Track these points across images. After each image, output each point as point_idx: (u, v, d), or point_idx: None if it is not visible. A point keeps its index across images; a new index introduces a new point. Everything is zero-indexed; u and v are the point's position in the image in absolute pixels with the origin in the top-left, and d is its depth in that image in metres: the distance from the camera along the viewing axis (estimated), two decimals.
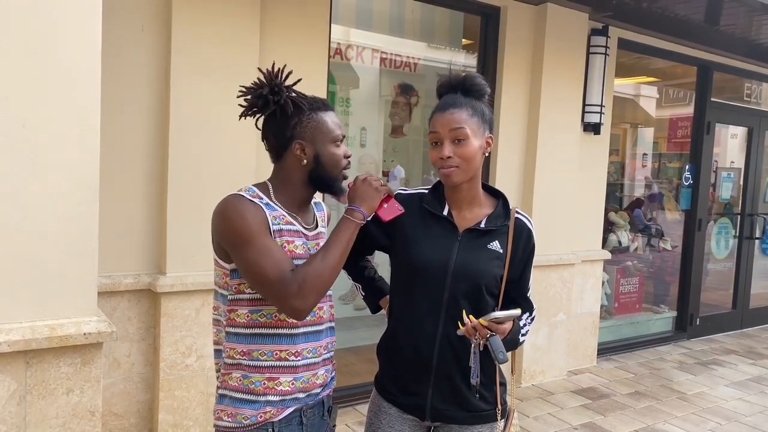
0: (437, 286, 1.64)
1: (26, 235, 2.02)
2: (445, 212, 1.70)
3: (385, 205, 1.65)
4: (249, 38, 3.22)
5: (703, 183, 6.25)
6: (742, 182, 7.04)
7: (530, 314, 1.76)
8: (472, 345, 1.58)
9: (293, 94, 1.58)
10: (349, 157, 1.64)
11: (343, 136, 1.63)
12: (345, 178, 1.64)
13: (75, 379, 2.12)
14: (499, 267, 1.66)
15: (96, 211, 2.15)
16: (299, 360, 1.57)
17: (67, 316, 2.10)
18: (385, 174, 5.28)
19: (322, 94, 3.57)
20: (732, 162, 7.45)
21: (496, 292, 1.68)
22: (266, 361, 1.54)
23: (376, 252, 1.91)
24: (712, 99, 6.20)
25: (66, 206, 2.08)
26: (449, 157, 1.61)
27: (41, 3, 2.00)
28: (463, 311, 1.56)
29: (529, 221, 1.74)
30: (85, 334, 2.08)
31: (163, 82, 3.09)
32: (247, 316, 1.55)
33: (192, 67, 3.08)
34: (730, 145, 7.57)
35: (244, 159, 3.20)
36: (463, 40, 5.10)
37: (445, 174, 1.63)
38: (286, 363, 1.55)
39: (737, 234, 6.99)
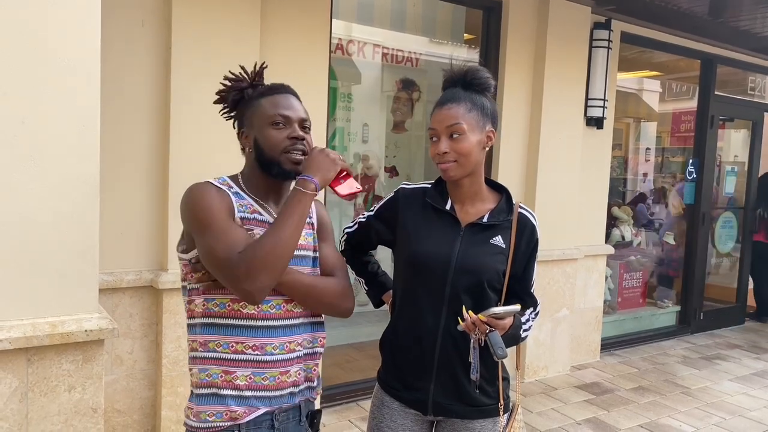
0: (439, 281, 1.63)
1: (27, 233, 2.01)
2: (448, 206, 1.69)
3: (342, 182, 1.55)
4: (249, 33, 3.20)
5: (707, 177, 6.22)
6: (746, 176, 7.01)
7: (534, 310, 1.75)
8: (472, 340, 1.57)
9: (242, 86, 1.61)
10: (296, 138, 1.53)
11: (285, 117, 1.53)
12: (294, 162, 1.53)
13: (77, 376, 2.11)
14: (502, 262, 1.65)
15: (96, 207, 2.14)
16: (259, 355, 1.48)
17: (69, 313, 2.09)
18: (388, 170, 5.26)
19: (323, 89, 3.56)
20: (735, 156, 7.41)
21: (498, 287, 1.67)
22: (222, 352, 1.48)
23: (379, 247, 1.90)
24: (716, 93, 6.17)
25: (66, 203, 2.07)
26: (445, 153, 1.60)
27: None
28: (463, 307, 1.55)
29: (533, 216, 1.72)
30: (86, 331, 2.07)
31: (163, 78, 3.07)
32: (203, 305, 1.50)
33: (193, 63, 3.06)
34: (733, 138, 7.54)
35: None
36: (465, 34, 5.08)
37: (442, 169, 1.64)
38: (243, 356, 1.47)
39: (741, 228, 6.97)
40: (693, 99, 6.32)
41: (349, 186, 1.56)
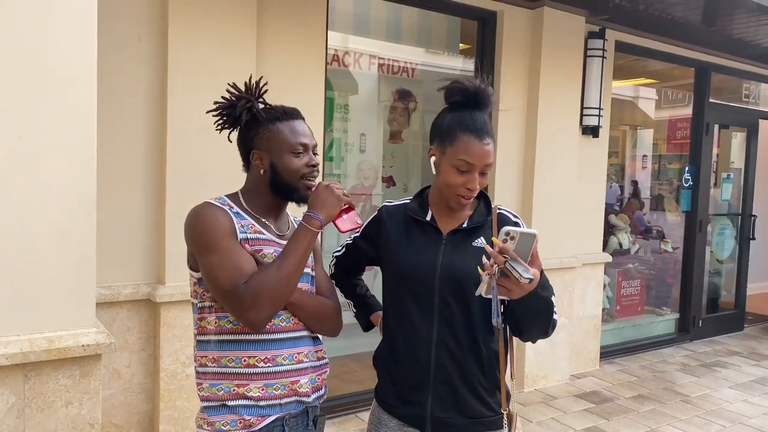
0: (427, 291, 1.63)
1: (24, 247, 2.01)
2: (429, 217, 1.70)
3: (344, 216, 1.59)
4: (246, 46, 3.22)
5: (703, 184, 6.24)
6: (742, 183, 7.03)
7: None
8: (490, 277, 1.43)
9: (250, 105, 1.61)
10: (313, 165, 1.62)
11: (304, 145, 1.61)
12: (308, 187, 1.61)
13: (74, 392, 2.11)
14: None
15: (93, 221, 2.15)
16: (271, 366, 1.54)
17: (66, 327, 2.09)
18: (385, 180, 5.27)
19: (319, 100, 3.57)
20: (732, 162, 7.44)
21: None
22: (234, 368, 1.53)
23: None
24: (711, 100, 6.20)
25: (63, 217, 2.07)
26: (476, 189, 1.59)
27: (37, 14, 2.00)
28: (482, 256, 1.43)
29: (513, 214, 1.70)
30: (83, 345, 2.07)
31: (160, 92, 3.08)
32: (216, 323, 1.55)
33: (189, 76, 3.08)
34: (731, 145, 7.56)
35: (242, 166, 3.19)
36: (461, 44, 5.11)
37: (463, 203, 1.62)
38: (256, 370, 1.53)
39: (738, 235, 6.98)
40: (688, 106, 6.35)
41: (351, 221, 1.59)
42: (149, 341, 3.14)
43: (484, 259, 1.42)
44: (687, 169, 6.26)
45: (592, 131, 4.97)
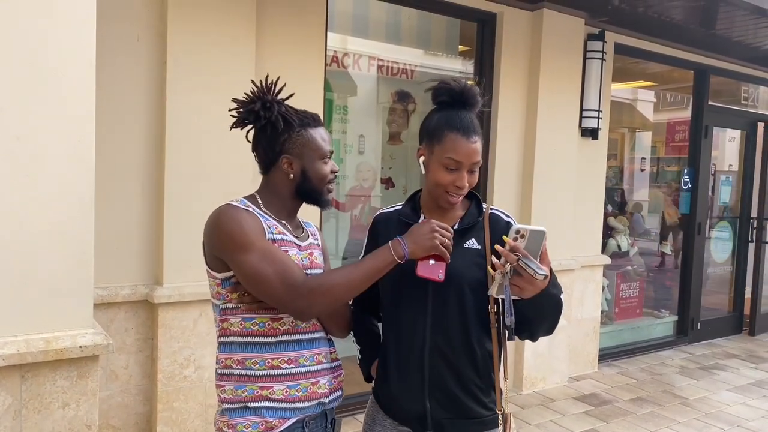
0: (420, 295, 1.62)
1: (21, 248, 2.00)
2: (421, 221, 1.68)
3: (431, 262, 1.53)
4: (245, 47, 3.21)
5: (702, 187, 6.24)
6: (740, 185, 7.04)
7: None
8: (502, 276, 1.45)
9: (284, 109, 1.60)
10: (335, 172, 1.67)
11: (330, 152, 1.65)
12: (330, 191, 1.67)
13: (71, 393, 2.09)
14: (479, 264, 1.62)
15: (91, 222, 2.14)
16: (294, 368, 1.56)
17: (63, 328, 2.08)
18: (384, 182, 5.27)
19: (319, 102, 3.57)
20: (730, 165, 7.45)
21: (487, 287, 1.63)
22: (258, 370, 1.54)
23: None
24: (710, 103, 6.20)
25: (61, 218, 2.06)
26: (465, 187, 1.59)
27: (35, 15, 2.00)
28: (490, 264, 1.45)
29: (505, 214, 1.70)
30: (80, 347, 2.06)
31: (159, 92, 3.08)
32: (241, 325, 1.55)
33: (188, 77, 3.07)
34: (728, 148, 7.57)
35: (241, 167, 3.18)
36: (460, 46, 5.11)
37: (453, 201, 1.62)
38: (280, 371, 1.54)
39: (736, 237, 6.98)
40: (687, 109, 6.36)
41: (432, 271, 1.54)
42: (147, 342, 3.13)
43: (494, 259, 1.44)
44: (686, 171, 6.27)
45: (591, 133, 4.97)
